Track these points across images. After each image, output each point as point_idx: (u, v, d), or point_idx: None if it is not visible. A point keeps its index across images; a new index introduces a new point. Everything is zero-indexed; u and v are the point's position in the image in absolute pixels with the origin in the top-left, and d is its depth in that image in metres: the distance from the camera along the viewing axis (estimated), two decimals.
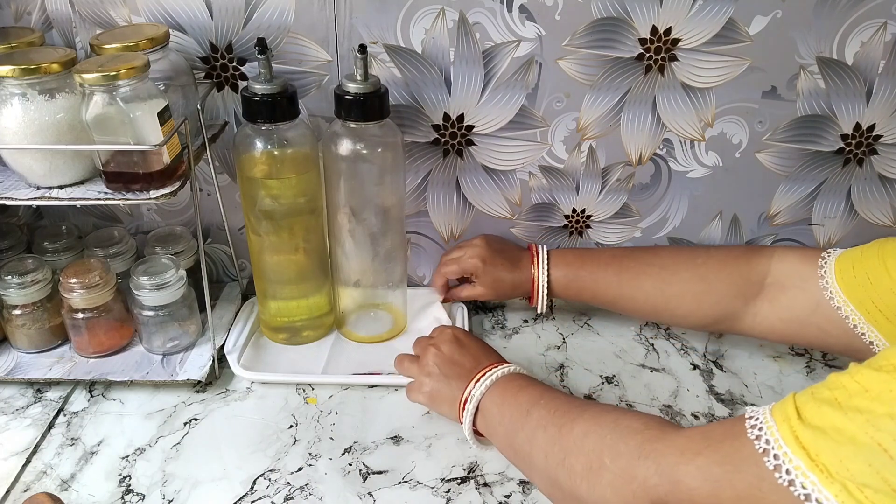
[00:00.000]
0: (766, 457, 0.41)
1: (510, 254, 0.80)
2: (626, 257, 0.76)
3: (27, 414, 0.71)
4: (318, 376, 0.75)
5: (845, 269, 0.62)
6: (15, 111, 0.60)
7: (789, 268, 0.67)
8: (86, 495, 0.62)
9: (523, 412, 0.59)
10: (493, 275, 0.78)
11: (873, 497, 0.36)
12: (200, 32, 0.72)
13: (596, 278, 0.76)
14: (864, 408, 0.38)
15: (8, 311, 0.74)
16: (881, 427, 0.37)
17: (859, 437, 0.37)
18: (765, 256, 0.69)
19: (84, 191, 0.64)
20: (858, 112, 0.75)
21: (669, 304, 0.73)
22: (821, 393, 0.41)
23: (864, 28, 0.70)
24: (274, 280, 0.77)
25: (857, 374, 0.40)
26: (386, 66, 0.73)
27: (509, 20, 0.70)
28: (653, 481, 0.47)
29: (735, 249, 0.73)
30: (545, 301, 0.78)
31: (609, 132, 0.77)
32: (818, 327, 0.64)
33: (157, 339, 0.75)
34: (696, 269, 0.72)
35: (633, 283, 0.74)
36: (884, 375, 0.38)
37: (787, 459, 0.39)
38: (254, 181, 0.71)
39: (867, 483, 0.36)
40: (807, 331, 0.66)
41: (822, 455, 0.38)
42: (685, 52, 0.71)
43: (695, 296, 0.72)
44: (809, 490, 0.38)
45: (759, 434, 0.42)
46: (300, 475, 0.64)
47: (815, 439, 0.39)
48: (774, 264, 0.69)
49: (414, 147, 0.78)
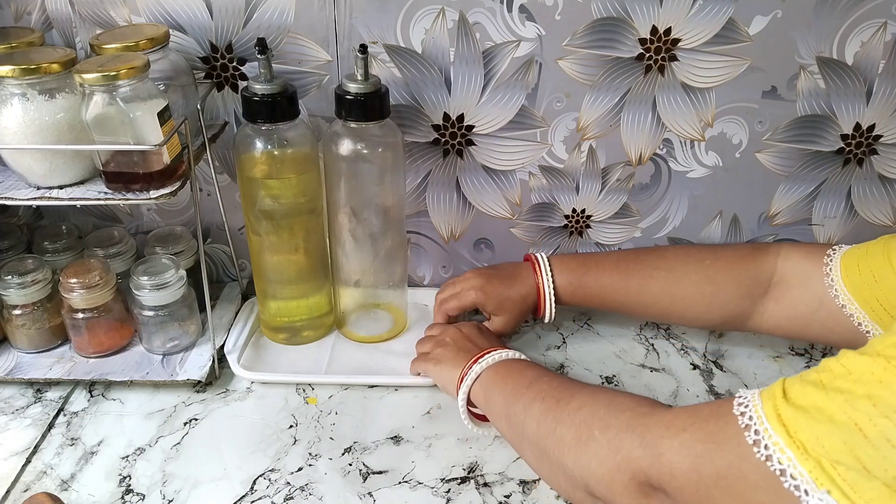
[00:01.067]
0: (747, 432, 0.42)
1: (506, 271, 0.77)
2: (631, 261, 0.75)
3: (27, 414, 0.71)
4: (319, 376, 0.75)
5: (850, 266, 0.62)
6: (15, 111, 0.60)
7: (794, 265, 0.67)
8: (86, 495, 0.62)
9: (524, 384, 0.60)
10: (497, 298, 0.75)
11: (845, 474, 0.37)
12: (200, 32, 0.72)
13: (602, 284, 0.74)
14: (845, 388, 0.39)
15: (8, 311, 0.74)
16: (858, 407, 0.38)
17: (837, 416, 0.38)
18: (771, 255, 0.69)
19: (84, 191, 0.64)
20: (858, 112, 0.75)
21: (677, 306, 0.72)
22: (808, 375, 0.42)
23: (864, 28, 0.70)
24: (274, 280, 0.77)
25: (843, 357, 0.41)
26: (386, 66, 0.73)
27: (509, 20, 0.70)
28: (636, 453, 0.48)
29: (741, 248, 0.73)
30: (553, 310, 0.75)
31: (609, 132, 0.77)
32: (822, 324, 0.64)
33: (157, 339, 0.75)
34: (705, 270, 0.71)
35: (640, 287, 0.73)
36: (867, 359, 0.39)
37: (767, 436, 0.41)
38: (254, 181, 0.71)
39: (841, 461, 0.37)
40: (811, 328, 0.66)
41: (800, 432, 0.39)
42: (685, 52, 0.71)
43: (704, 298, 0.71)
44: (785, 466, 0.39)
45: (743, 411, 0.43)
46: (300, 475, 0.64)
47: (795, 417, 0.40)
48: (780, 262, 0.68)
49: (414, 147, 0.78)
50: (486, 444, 0.67)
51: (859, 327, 0.61)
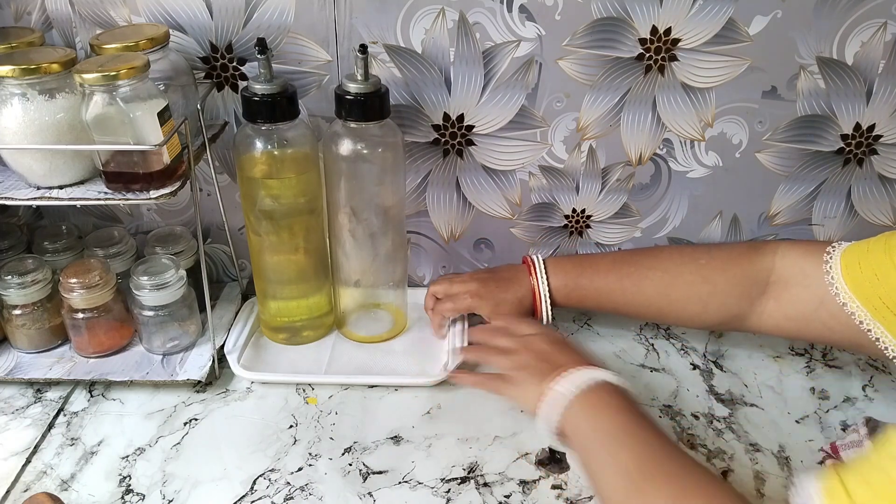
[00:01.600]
0: None
1: (502, 274, 0.77)
2: (626, 262, 0.74)
3: (27, 414, 0.71)
4: (319, 376, 0.75)
5: (851, 264, 0.61)
6: (15, 111, 0.60)
7: (792, 264, 0.66)
8: (86, 495, 0.62)
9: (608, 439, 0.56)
10: (493, 301, 0.74)
11: None
12: (200, 32, 0.72)
13: (597, 286, 0.74)
14: None
15: (8, 311, 0.74)
16: None
17: None
18: (768, 254, 0.68)
19: (84, 191, 0.64)
20: (858, 112, 0.75)
21: (674, 307, 0.72)
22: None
23: (864, 28, 0.70)
24: (274, 280, 0.77)
25: None
26: (386, 66, 0.73)
27: (509, 20, 0.70)
28: None
29: (738, 247, 0.72)
30: (549, 312, 0.75)
31: (609, 132, 0.77)
32: (823, 324, 0.64)
33: (157, 339, 0.75)
34: (700, 270, 0.70)
35: (635, 288, 0.72)
36: None
37: None
38: (254, 181, 0.71)
39: None
40: (811, 327, 0.66)
41: None
42: (685, 52, 0.71)
43: (700, 298, 0.70)
44: None
45: None
46: (300, 475, 0.64)
47: None
48: (778, 261, 0.67)
49: (414, 147, 0.78)
50: (486, 444, 0.67)
51: (860, 326, 0.60)
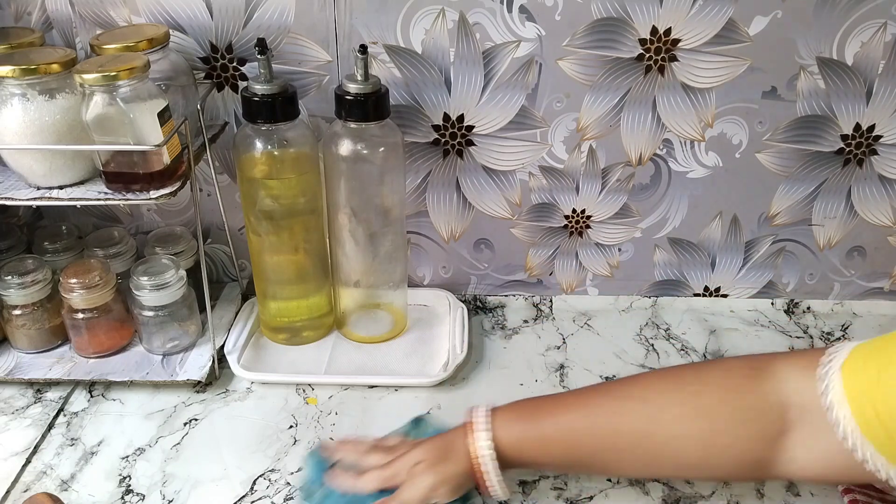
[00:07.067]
0: None
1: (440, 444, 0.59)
2: (595, 393, 0.60)
3: (27, 414, 0.71)
4: (318, 376, 0.75)
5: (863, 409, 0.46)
6: (15, 111, 0.60)
7: (803, 389, 0.51)
8: (86, 495, 0.62)
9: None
10: None
11: None
12: (200, 32, 0.72)
13: (560, 427, 0.57)
14: None
15: (8, 311, 0.74)
16: None
17: None
18: (769, 380, 0.53)
19: (84, 191, 0.64)
20: (858, 112, 0.75)
21: (666, 450, 0.54)
22: None
23: (864, 28, 0.70)
24: (274, 280, 0.77)
25: None
26: (386, 66, 0.73)
27: (509, 20, 0.70)
28: None
29: (732, 369, 0.56)
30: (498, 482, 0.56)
31: (609, 132, 0.77)
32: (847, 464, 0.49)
33: (157, 340, 0.75)
34: (690, 400, 0.54)
35: (609, 427, 0.56)
36: None
37: None
38: (254, 181, 0.71)
39: None
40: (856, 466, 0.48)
41: None
42: (685, 53, 0.71)
43: (699, 437, 0.53)
44: None
45: None
46: (300, 475, 0.64)
47: None
48: (784, 387, 0.52)
49: (414, 147, 0.78)
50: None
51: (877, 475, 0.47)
